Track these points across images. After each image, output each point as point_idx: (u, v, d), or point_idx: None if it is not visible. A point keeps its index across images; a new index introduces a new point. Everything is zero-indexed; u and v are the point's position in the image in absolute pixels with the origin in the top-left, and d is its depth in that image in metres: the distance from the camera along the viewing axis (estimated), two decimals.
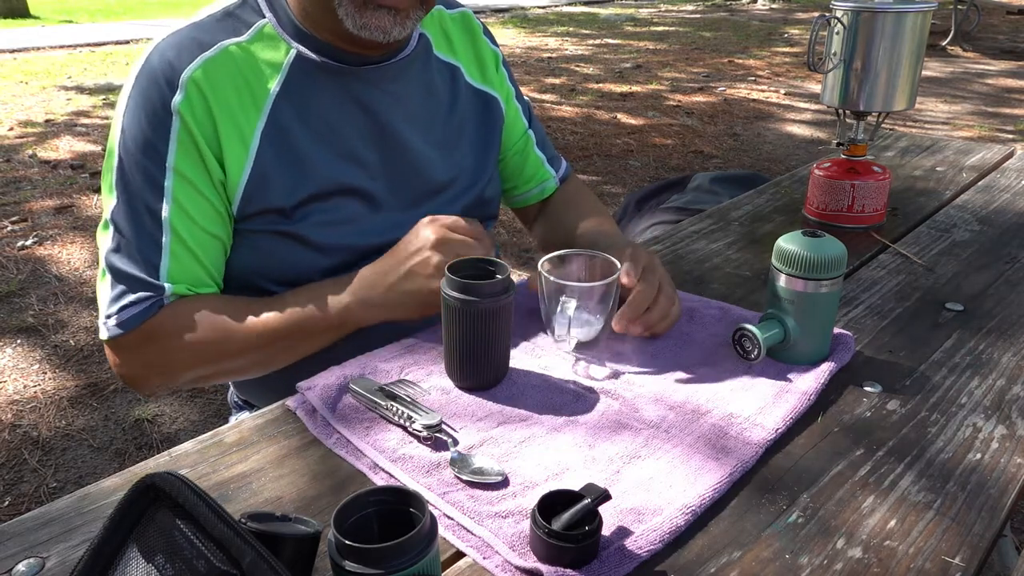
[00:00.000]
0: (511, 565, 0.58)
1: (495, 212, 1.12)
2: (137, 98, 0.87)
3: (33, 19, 10.08)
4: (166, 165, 0.86)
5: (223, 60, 0.88)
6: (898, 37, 1.17)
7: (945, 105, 5.64)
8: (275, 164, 0.89)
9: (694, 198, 2.16)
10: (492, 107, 1.10)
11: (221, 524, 0.46)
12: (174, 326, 0.87)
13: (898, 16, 1.16)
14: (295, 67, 0.91)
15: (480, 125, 1.08)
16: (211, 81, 0.87)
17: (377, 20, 0.87)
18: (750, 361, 0.84)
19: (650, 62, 7.36)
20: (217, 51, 0.88)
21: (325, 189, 0.92)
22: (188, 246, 0.87)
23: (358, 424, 0.74)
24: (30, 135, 4.66)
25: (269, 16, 0.92)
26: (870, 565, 0.59)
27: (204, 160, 0.87)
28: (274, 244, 0.91)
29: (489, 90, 1.10)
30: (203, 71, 0.87)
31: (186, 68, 0.86)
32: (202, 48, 0.88)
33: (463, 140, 1.05)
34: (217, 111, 0.87)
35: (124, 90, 0.89)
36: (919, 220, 1.30)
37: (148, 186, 0.86)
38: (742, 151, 4.53)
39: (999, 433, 0.75)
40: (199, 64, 0.87)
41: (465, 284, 0.75)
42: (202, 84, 0.86)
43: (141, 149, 0.86)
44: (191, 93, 0.86)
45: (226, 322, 0.87)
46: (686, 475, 0.68)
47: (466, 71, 1.08)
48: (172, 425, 2.07)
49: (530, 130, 1.18)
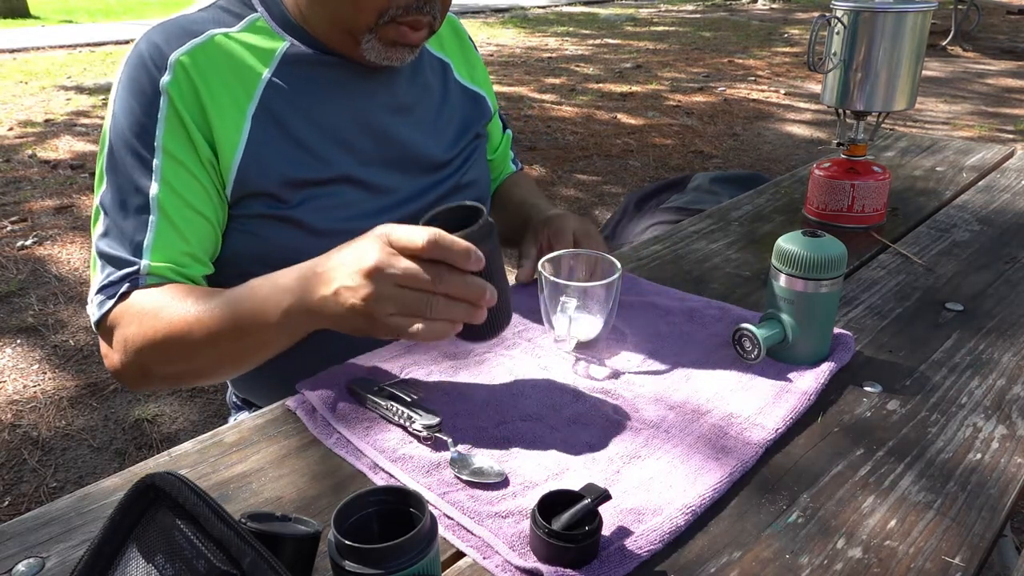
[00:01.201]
0: (511, 565, 0.58)
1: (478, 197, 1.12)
2: (127, 83, 0.88)
3: (33, 19, 10.08)
4: (155, 145, 0.86)
5: (212, 46, 0.90)
6: (898, 37, 1.17)
7: (945, 105, 5.64)
8: (268, 146, 0.90)
9: (694, 198, 2.16)
10: (481, 104, 1.13)
11: (221, 524, 0.46)
12: (136, 311, 0.84)
13: (898, 16, 1.16)
14: (287, 58, 0.93)
15: (470, 121, 1.10)
16: (199, 65, 0.88)
17: (398, 54, 0.92)
18: (750, 361, 0.84)
19: (650, 62, 7.36)
20: (206, 38, 0.90)
21: (320, 174, 0.92)
22: (175, 225, 0.87)
23: (358, 424, 0.74)
24: (30, 135, 4.65)
25: (261, 11, 0.94)
26: (870, 565, 0.59)
27: (192, 140, 0.87)
28: (271, 229, 0.91)
29: (478, 89, 1.13)
30: (191, 56, 0.88)
31: (175, 51, 0.87)
32: (191, 35, 0.89)
33: (451, 130, 1.07)
34: (206, 93, 0.87)
35: (115, 78, 0.90)
36: (919, 220, 1.30)
37: (137, 167, 0.87)
38: (742, 151, 4.53)
39: (999, 433, 0.75)
40: (188, 49, 0.88)
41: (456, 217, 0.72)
42: (189, 67, 0.87)
43: (131, 130, 0.87)
44: (179, 74, 0.87)
45: (179, 310, 0.82)
46: (686, 475, 0.68)
47: (456, 69, 1.10)
48: (172, 425, 2.07)
49: (507, 130, 1.26)
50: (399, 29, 0.90)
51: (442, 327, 0.68)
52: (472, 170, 1.09)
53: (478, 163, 1.11)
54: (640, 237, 2.02)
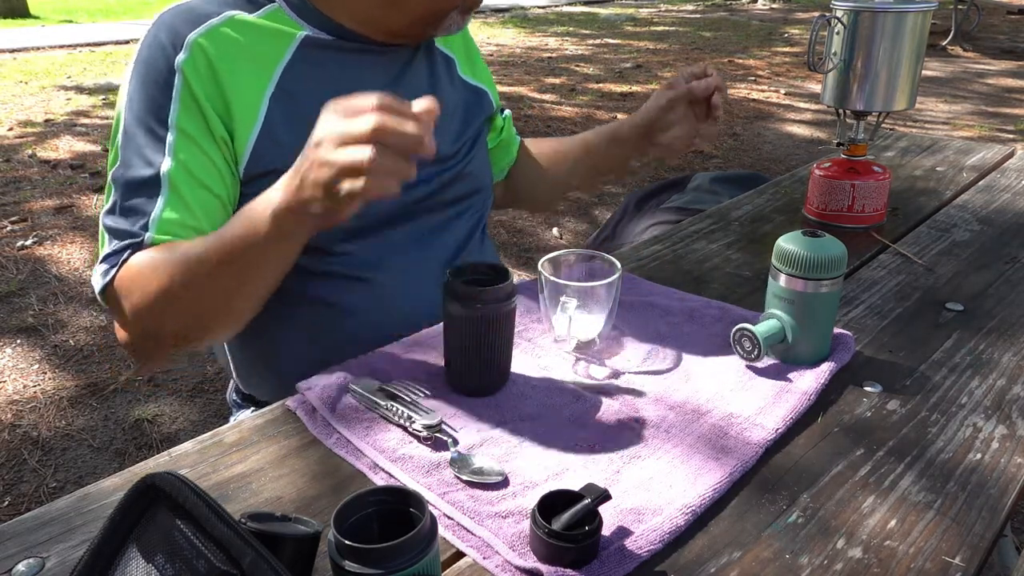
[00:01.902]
0: (511, 565, 0.58)
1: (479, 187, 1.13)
2: (142, 63, 0.89)
3: (33, 19, 10.08)
4: (168, 122, 0.87)
5: (230, 27, 0.91)
6: (898, 37, 1.17)
7: (945, 105, 5.64)
8: (284, 126, 0.91)
9: (694, 198, 2.16)
10: (483, 99, 1.15)
11: (221, 524, 0.46)
12: (135, 271, 0.85)
13: (898, 16, 1.16)
14: (305, 43, 0.94)
15: (472, 116, 1.12)
16: (217, 45, 0.89)
17: (459, 22, 0.97)
18: (750, 361, 0.84)
19: (650, 62, 7.36)
20: (224, 19, 0.91)
21: None
22: (185, 201, 0.87)
23: (358, 424, 0.74)
24: (30, 135, 4.65)
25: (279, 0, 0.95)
26: (870, 565, 0.59)
27: (206, 118, 0.88)
28: None
29: (479, 84, 1.15)
30: (208, 36, 0.89)
31: (192, 32, 0.88)
32: (209, 17, 0.91)
33: (455, 123, 1.08)
34: (223, 71, 0.88)
35: (131, 59, 0.91)
36: (919, 220, 1.30)
37: (150, 143, 0.87)
38: (742, 151, 4.53)
39: (999, 433, 0.75)
40: (206, 29, 0.89)
41: (467, 291, 0.75)
42: (207, 46, 0.88)
43: (145, 107, 0.88)
44: (195, 53, 0.88)
45: (175, 255, 0.83)
46: (686, 475, 0.68)
47: (459, 65, 1.13)
48: (172, 425, 2.07)
49: (507, 111, 1.29)
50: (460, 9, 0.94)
51: (384, 181, 0.66)
52: (473, 162, 1.11)
53: (479, 154, 1.13)
54: (640, 237, 2.02)
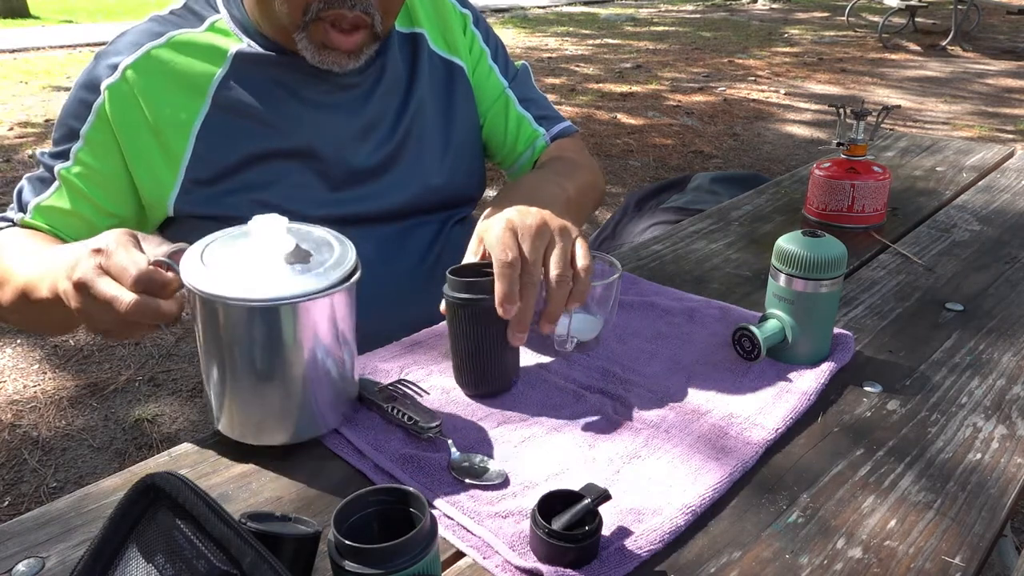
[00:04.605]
0: (511, 565, 0.58)
1: (455, 201, 1.08)
2: (87, 72, 0.96)
3: (33, 19, 10.08)
4: (80, 132, 0.94)
5: (168, 49, 0.95)
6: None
7: (945, 105, 5.64)
8: (216, 141, 0.95)
9: (694, 198, 2.16)
10: (456, 77, 1.08)
11: (221, 524, 0.46)
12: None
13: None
14: (239, 58, 0.96)
15: (443, 98, 1.06)
16: (146, 74, 0.94)
17: (334, 58, 0.93)
18: (750, 361, 0.84)
19: (650, 62, 7.36)
20: (165, 40, 0.95)
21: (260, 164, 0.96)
22: (71, 202, 0.95)
23: (358, 424, 0.74)
24: (30, 135, 4.65)
25: (223, 11, 0.98)
26: (870, 565, 0.59)
27: (118, 140, 0.94)
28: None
29: (454, 58, 1.08)
30: (138, 66, 0.94)
31: (130, 55, 0.94)
32: (152, 37, 0.95)
33: (423, 119, 1.04)
34: (149, 103, 0.93)
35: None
36: (919, 220, 1.30)
37: (62, 143, 0.96)
38: (742, 151, 4.53)
39: (999, 433, 0.75)
40: (141, 54, 0.94)
41: (468, 283, 0.75)
42: (132, 79, 0.93)
43: (69, 110, 0.96)
44: (119, 82, 0.93)
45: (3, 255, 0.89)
46: (686, 475, 0.68)
47: (431, 38, 1.06)
48: (172, 425, 2.07)
49: (509, 89, 1.12)
50: (326, 32, 0.90)
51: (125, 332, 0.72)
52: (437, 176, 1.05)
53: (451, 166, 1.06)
54: (640, 237, 2.02)
